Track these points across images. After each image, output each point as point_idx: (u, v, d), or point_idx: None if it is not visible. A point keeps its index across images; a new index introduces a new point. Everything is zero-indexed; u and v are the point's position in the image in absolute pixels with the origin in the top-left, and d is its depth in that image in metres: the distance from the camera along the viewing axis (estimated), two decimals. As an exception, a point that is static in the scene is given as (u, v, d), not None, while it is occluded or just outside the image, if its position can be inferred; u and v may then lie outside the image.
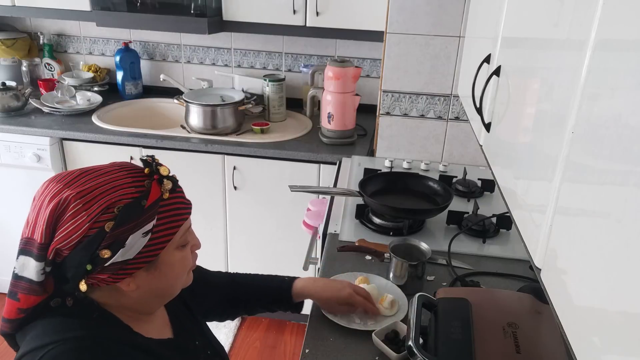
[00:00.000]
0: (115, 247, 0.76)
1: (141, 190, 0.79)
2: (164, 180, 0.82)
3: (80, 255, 0.75)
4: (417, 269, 1.30)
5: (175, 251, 0.85)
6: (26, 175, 2.37)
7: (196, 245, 0.93)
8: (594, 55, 0.57)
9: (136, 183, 0.80)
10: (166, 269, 0.84)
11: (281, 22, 2.22)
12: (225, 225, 2.36)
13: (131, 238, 0.76)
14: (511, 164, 0.89)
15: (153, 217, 0.79)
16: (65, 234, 0.75)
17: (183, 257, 0.88)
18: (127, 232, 0.76)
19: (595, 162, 0.54)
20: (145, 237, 0.78)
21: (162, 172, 0.83)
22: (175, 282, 0.89)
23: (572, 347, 0.54)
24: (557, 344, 0.92)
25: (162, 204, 0.80)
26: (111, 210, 0.76)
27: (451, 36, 1.89)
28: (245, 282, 1.22)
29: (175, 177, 0.85)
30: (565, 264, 0.59)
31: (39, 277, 0.77)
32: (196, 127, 2.25)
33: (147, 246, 0.79)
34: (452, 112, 2.01)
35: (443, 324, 0.97)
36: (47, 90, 2.61)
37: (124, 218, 0.76)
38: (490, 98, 1.08)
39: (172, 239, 0.82)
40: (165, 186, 0.81)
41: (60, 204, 0.75)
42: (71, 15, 2.38)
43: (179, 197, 0.84)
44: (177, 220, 0.83)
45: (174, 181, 0.84)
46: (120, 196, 0.77)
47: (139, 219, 0.77)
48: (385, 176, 1.75)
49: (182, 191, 0.86)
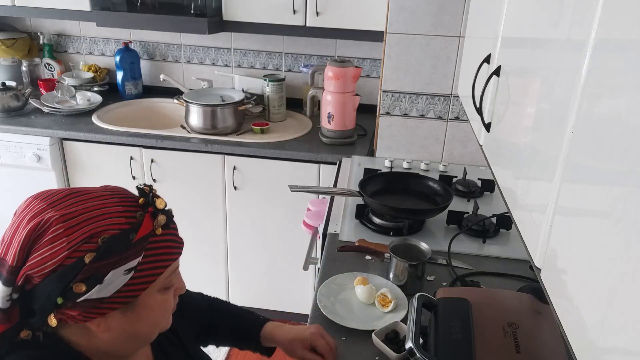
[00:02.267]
0: (92, 281, 0.67)
1: (132, 222, 0.71)
2: (159, 214, 0.74)
3: (52, 285, 0.67)
4: (417, 269, 1.30)
5: (157, 294, 0.76)
6: (26, 175, 2.37)
7: (180, 288, 0.82)
8: (594, 55, 0.57)
9: (127, 213, 0.72)
10: (144, 312, 0.75)
11: (281, 22, 2.22)
12: (225, 225, 2.36)
13: (111, 274, 0.68)
14: (511, 164, 0.89)
15: (139, 253, 0.70)
16: (39, 260, 0.67)
17: (164, 301, 0.78)
18: (107, 267, 0.68)
19: (595, 162, 0.54)
20: (127, 274, 0.70)
21: (158, 204, 0.74)
22: (152, 328, 0.79)
23: (572, 347, 0.54)
24: (557, 344, 0.92)
25: (151, 239, 0.72)
26: (94, 240, 0.68)
27: (451, 36, 1.89)
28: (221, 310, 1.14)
29: (171, 211, 0.77)
30: (565, 264, 0.59)
31: (4, 303, 0.69)
32: (196, 127, 2.25)
33: (128, 285, 0.70)
34: (452, 112, 2.01)
35: (443, 324, 0.97)
36: (47, 90, 2.61)
37: (107, 250, 0.68)
38: (490, 98, 1.08)
39: (156, 280, 0.74)
40: (159, 221, 0.73)
41: (40, 225, 0.67)
42: (71, 15, 2.38)
43: (171, 235, 0.76)
44: (166, 260, 0.74)
45: (169, 216, 0.76)
46: (106, 225, 0.69)
47: (124, 254, 0.69)
48: (385, 176, 1.75)
49: (176, 228, 0.78)
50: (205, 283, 2.47)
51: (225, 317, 1.14)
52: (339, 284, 1.30)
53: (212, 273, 2.48)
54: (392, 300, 1.22)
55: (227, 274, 2.48)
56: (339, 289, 1.29)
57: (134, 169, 2.29)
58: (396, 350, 1.07)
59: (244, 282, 2.48)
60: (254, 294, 2.49)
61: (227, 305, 1.17)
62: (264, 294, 2.48)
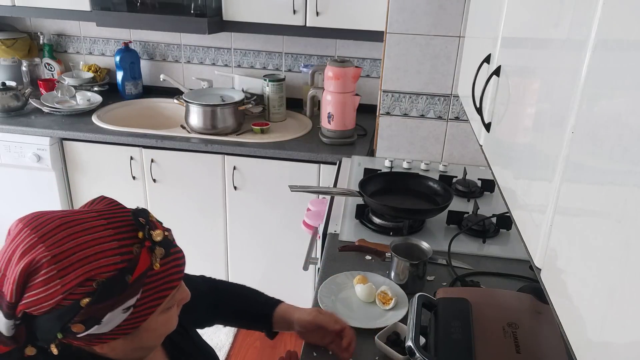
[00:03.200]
0: (90, 323, 0.66)
1: (128, 258, 0.67)
2: (156, 247, 0.70)
3: (51, 322, 0.66)
4: (418, 269, 1.30)
5: (160, 316, 0.74)
6: (26, 175, 2.37)
7: (184, 299, 0.80)
8: (594, 55, 0.57)
9: (123, 249, 0.67)
10: (146, 334, 0.74)
11: (281, 22, 2.22)
12: (225, 225, 2.36)
13: (109, 315, 0.66)
14: (511, 164, 0.89)
15: (138, 291, 0.68)
16: (35, 300, 0.65)
17: (168, 319, 0.77)
18: (105, 310, 0.66)
19: (595, 162, 0.54)
20: (126, 312, 0.68)
21: (155, 237, 0.70)
22: (157, 341, 0.79)
23: (572, 347, 0.54)
24: (557, 344, 0.92)
25: (150, 274, 0.69)
26: (89, 284, 0.65)
27: (451, 36, 1.89)
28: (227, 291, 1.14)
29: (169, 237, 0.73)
30: (565, 264, 0.59)
31: (9, 331, 0.67)
32: (196, 127, 2.25)
33: (127, 320, 0.69)
34: (452, 112, 2.01)
35: (443, 324, 0.97)
36: (47, 90, 2.61)
37: (102, 295, 0.65)
38: (490, 98, 1.08)
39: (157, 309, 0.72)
40: (157, 255, 0.69)
41: (32, 264, 0.64)
42: (71, 15, 2.38)
43: (171, 261, 0.72)
44: (166, 289, 0.72)
45: (168, 244, 0.72)
46: (101, 267, 0.65)
47: (121, 296, 0.66)
48: (385, 176, 1.75)
49: (177, 251, 0.74)
50: (205, 283, 2.47)
51: (234, 298, 1.13)
52: (338, 284, 1.30)
53: (212, 273, 2.45)
54: (392, 298, 1.22)
55: (227, 274, 2.48)
56: (339, 288, 1.29)
57: (134, 169, 2.29)
58: (401, 352, 1.07)
59: (244, 282, 2.46)
60: (254, 294, 2.48)
61: (234, 286, 1.17)
62: (264, 294, 2.48)
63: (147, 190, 2.34)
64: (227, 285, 1.17)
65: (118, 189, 2.33)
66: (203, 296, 1.08)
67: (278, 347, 2.45)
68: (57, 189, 2.38)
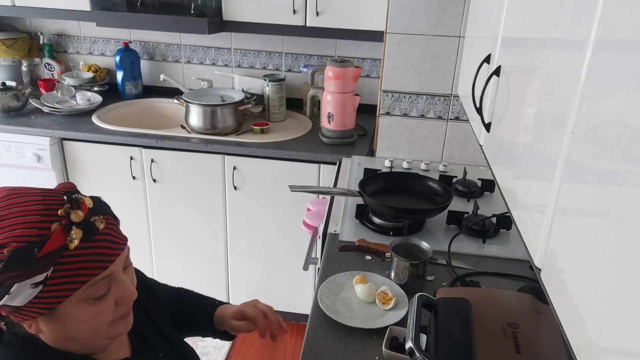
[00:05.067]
0: (1, 291, 0.67)
1: (43, 234, 0.67)
2: (73, 227, 0.69)
3: None
4: (418, 269, 1.30)
5: (82, 304, 0.72)
6: (26, 175, 2.37)
7: (125, 297, 0.77)
8: (594, 55, 0.57)
9: (42, 224, 0.68)
10: (71, 322, 0.73)
11: (281, 22, 2.22)
12: (225, 225, 2.36)
13: (17, 286, 0.66)
14: (511, 164, 0.89)
15: (47, 268, 0.67)
16: None
17: (96, 312, 0.74)
18: (12, 279, 0.66)
19: (595, 162, 0.54)
20: (35, 288, 0.67)
21: (73, 217, 0.69)
22: (91, 335, 0.76)
23: (572, 347, 0.54)
24: (557, 344, 0.92)
25: (64, 254, 0.68)
26: (2, 251, 0.66)
27: (451, 36, 1.89)
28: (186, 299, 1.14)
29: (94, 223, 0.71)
30: (565, 264, 0.59)
31: None
32: (196, 127, 2.25)
33: (38, 298, 0.68)
34: (452, 112, 2.01)
35: (443, 324, 0.97)
36: (47, 90, 2.61)
37: (10, 263, 0.65)
38: (490, 98, 1.08)
39: (73, 294, 0.70)
40: (73, 236, 0.69)
41: None
42: (71, 15, 2.38)
43: (95, 247, 0.71)
44: (84, 274, 0.70)
45: (89, 228, 0.70)
46: (16, 237, 0.66)
47: (27, 269, 0.66)
48: (385, 176, 1.75)
49: (106, 238, 0.73)
50: (205, 283, 2.48)
51: (188, 306, 1.12)
52: (338, 284, 1.30)
53: (212, 273, 2.48)
54: (392, 298, 1.22)
55: (227, 274, 2.48)
56: (339, 288, 1.29)
57: (134, 169, 2.29)
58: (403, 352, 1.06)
59: (244, 282, 2.48)
60: (253, 294, 2.48)
61: (189, 293, 1.16)
62: (264, 294, 2.48)
63: (147, 190, 2.34)
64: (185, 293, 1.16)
65: (118, 189, 2.34)
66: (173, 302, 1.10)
67: (278, 347, 2.45)
68: (57, 189, 2.38)
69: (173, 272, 2.50)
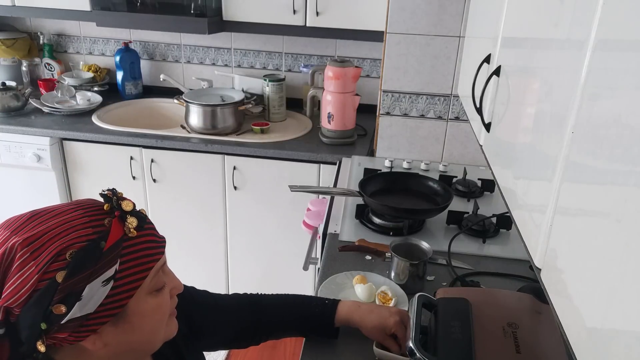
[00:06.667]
0: (71, 300, 0.64)
1: (100, 230, 0.67)
2: (128, 216, 0.70)
3: (32, 313, 0.63)
4: (418, 268, 1.30)
5: (148, 297, 0.72)
6: (26, 175, 2.37)
7: (177, 287, 0.79)
8: (594, 55, 0.57)
9: (94, 222, 0.67)
10: (139, 320, 0.71)
11: (281, 22, 2.22)
12: (225, 225, 2.36)
13: (88, 288, 0.64)
14: (511, 164, 0.89)
15: (115, 261, 0.66)
16: (13, 289, 0.63)
17: (159, 304, 0.74)
18: (82, 282, 0.64)
19: (595, 162, 0.54)
20: (107, 285, 0.66)
21: (125, 207, 0.70)
22: (152, 336, 0.75)
23: (572, 347, 0.54)
24: (557, 344, 0.92)
25: (125, 244, 0.68)
26: (62, 257, 0.63)
27: (451, 36, 1.89)
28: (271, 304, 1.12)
29: (143, 212, 0.73)
30: (565, 264, 0.59)
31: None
32: (196, 127, 2.25)
33: (110, 296, 0.66)
34: (452, 112, 2.01)
35: (443, 324, 0.97)
36: (47, 90, 2.61)
37: (77, 265, 0.64)
38: (490, 98, 1.08)
39: (142, 284, 0.70)
40: (130, 224, 0.69)
41: (6, 254, 0.64)
42: (71, 15, 2.38)
43: (148, 235, 0.72)
44: (147, 262, 0.70)
45: (141, 217, 0.71)
46: (73, 239, 0.65)
47: (97, 265, 0.65)
48: (385, 176, 1.75)
49: (152, 227, 0.74)
50: (205, 283, 2.46)
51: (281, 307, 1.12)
52: (338, 284, 1.30)
53: (212, 273, 2.48)
54: (392, 298, 1.22)
55: (227, 274, 2.48)
56: (339, 288, 1.29)
57: (134, 169, 2.29)
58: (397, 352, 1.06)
59: (244, 282, 2.48)
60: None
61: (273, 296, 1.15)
62: (264, 294, 2.48)
63: (147, 190, 2.34)
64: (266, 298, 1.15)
65: (118, 189, 2.29)
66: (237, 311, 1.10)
67: (278, 347, 2.44)
68: (57, 189, 2.38)
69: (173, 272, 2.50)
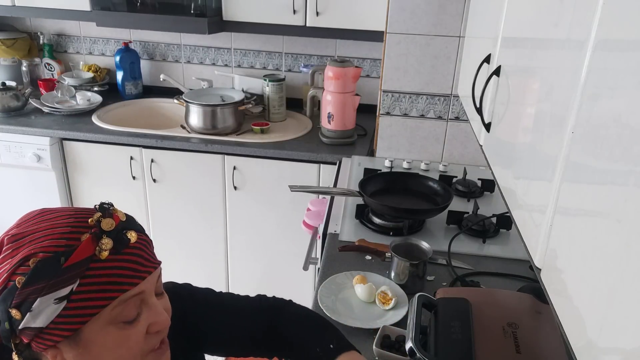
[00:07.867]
0: (24, 309, 0.61)
1: (71, 244, 0.62)
2: (104, 236, 0.64)
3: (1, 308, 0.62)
4: (418, 268, 1.30)
5: (111, 328, 0.65)
6: (26, 175, 2.37)
7: (158, 323, 0.69)
8: (594, 55, 0.57)
9: (72, 235, 0.63)
10: (98, 350, 0.65)
11: (281, 22, 2.22)
12: (225, 225, 2.36)
13: (39, 302, 0.60)
14: (511, 164, 0.89)
15: (73, 280, 0.61)
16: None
17: (125, 338, 0.66)
18: (35, 294, 0.60)
19: (595, 162, 0.54)
20: (59, 304, 0.61)
21: (104, 226, 0.65)
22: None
23: (572, 347, 0.54)
24: (557, 344, 0.92)
25: (93, 265, 0.62)
26: (27, 263, 0.61)
27: (451, 36, 1.89)
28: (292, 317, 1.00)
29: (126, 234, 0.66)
30: (565, 264, 0.59)
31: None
32: (196, 127, 2.25)
33: (62, 316, 0.61)
34: (452, 112, 2.01)
35: (443, 324, 0.97)
36: (47, 90, 2.61)
37: (34, 275, 0.60)
38: (490, 98, 1.08)
39: (101, 313, 0.63)
40: (104, 245, 0.64)
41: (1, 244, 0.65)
42: (71, 15, 2.38)
43: (126, 261, 0.65)
44: (111, 290, 0.63)
45: (121, 239, 0.65)
46: (43, 247, 0.62)
47: (51, 280, 0.60)
48: (385, 176, 1.75)
49: (137, 254, 0.67)
50: (205, 283, 2.46)
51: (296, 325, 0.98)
52: (338, 284, 1.30)
53: (212, 273, 2.48)
54: (392, 298, 1.22)
55: (227, 274, 2.48)
56: (339, 288, 1.29)
57: (134, 169, 2.29)
58: (397, 352, 1.06)
59: (244, 282, 2.48)
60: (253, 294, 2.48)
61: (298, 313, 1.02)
62: (264, 294, 2.48)
63: (147, 190, 2.34)
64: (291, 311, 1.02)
65: (118, 189, 2.33)
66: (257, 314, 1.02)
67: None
68: (57, 189, 2.38)
69: (173, 272, 2.49)
